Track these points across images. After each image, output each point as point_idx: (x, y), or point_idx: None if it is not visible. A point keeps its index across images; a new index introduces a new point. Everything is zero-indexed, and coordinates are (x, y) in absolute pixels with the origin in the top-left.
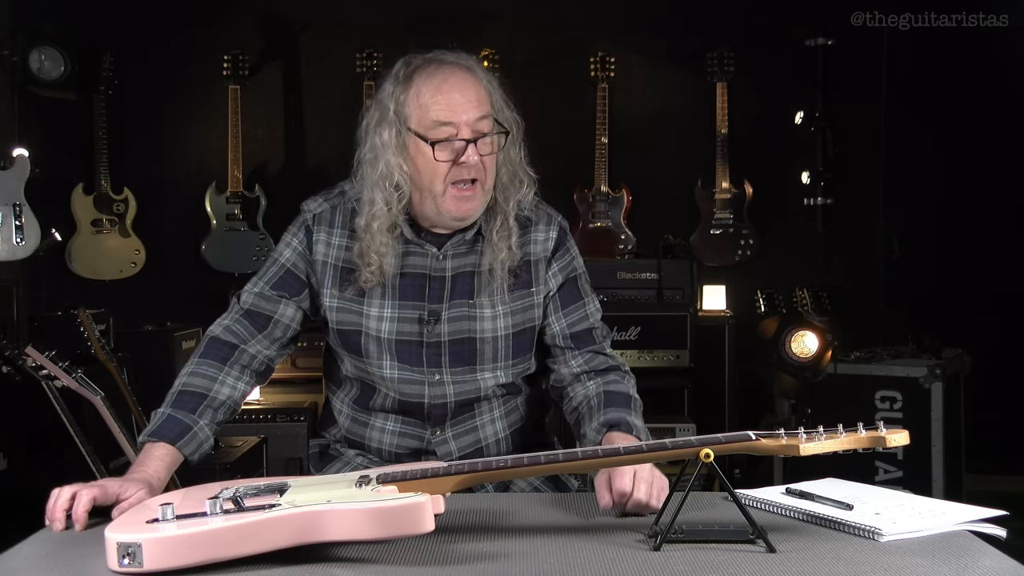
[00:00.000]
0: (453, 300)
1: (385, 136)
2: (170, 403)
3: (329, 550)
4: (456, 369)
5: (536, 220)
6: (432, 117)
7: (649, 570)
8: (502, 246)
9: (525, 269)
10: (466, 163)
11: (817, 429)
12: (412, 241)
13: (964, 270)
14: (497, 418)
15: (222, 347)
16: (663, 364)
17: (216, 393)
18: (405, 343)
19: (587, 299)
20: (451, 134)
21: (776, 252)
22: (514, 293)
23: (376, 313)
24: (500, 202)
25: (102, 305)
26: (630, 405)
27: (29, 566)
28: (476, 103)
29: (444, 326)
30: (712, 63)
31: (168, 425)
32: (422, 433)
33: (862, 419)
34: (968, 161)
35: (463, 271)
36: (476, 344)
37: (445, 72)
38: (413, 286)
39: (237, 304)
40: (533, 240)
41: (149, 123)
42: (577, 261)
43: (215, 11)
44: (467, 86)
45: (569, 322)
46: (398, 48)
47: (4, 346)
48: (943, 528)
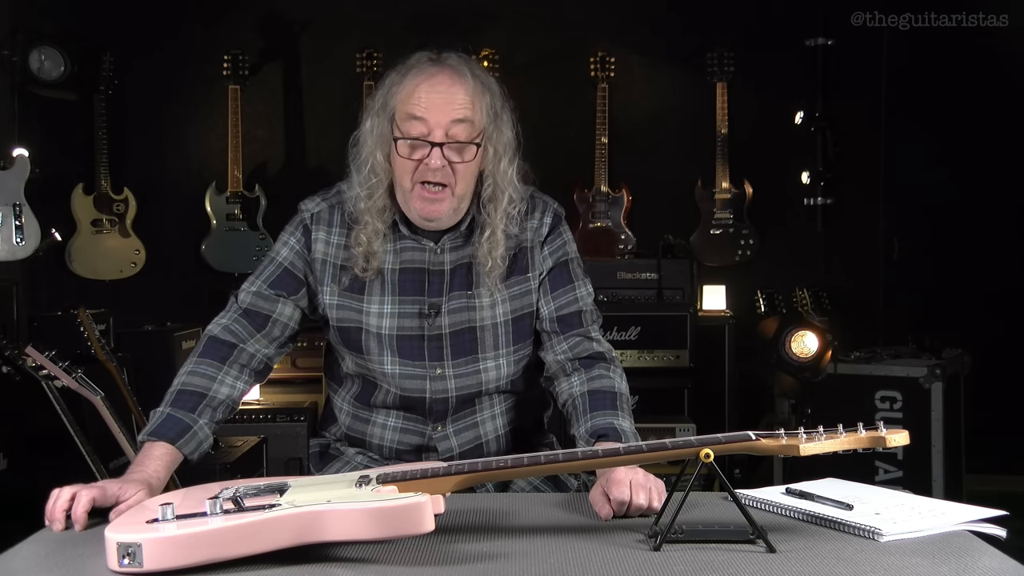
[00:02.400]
0: (452, 292)
1: (370, 124)
2: (169, 402)
3: (329, 550)
4: (458, 361)
5: (531, 209)
6: (408, 111)
7: (649, 570)
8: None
9: (521, 256)
10: (430, 165)
11: (817, 429)
12: (408, 236)
13: (964, 270)
14: (498, 414)
15: (221, 346)
16: (663, 364)
17: (215, 392)
18: (406, 338)
19: (577, 283)
20: (422, 132)
21: (776, 252)
22: (510, 280)
23: (376, 310)
24: (486, 214)
25: (102, 305)
26: (616, 405)
27: (29, 566)
28: (457, 107)
29: (444, 318)
30: (712, 63)
31: (167, 424)
32: (423, 429)
33: (862, 419)
34: (968, 161)
35: (461, 263)
36: (476, 333)
37: (436, 71)
38: (412, 281)
39: (235, 303)
40: (528, 227)
41: (149, 123)
42: (570, 246)
43: (215, 11)
44: (453, 89)
45: (557, 305)
46: (398, 48)
47: (4, 346)
48: (943, 528)
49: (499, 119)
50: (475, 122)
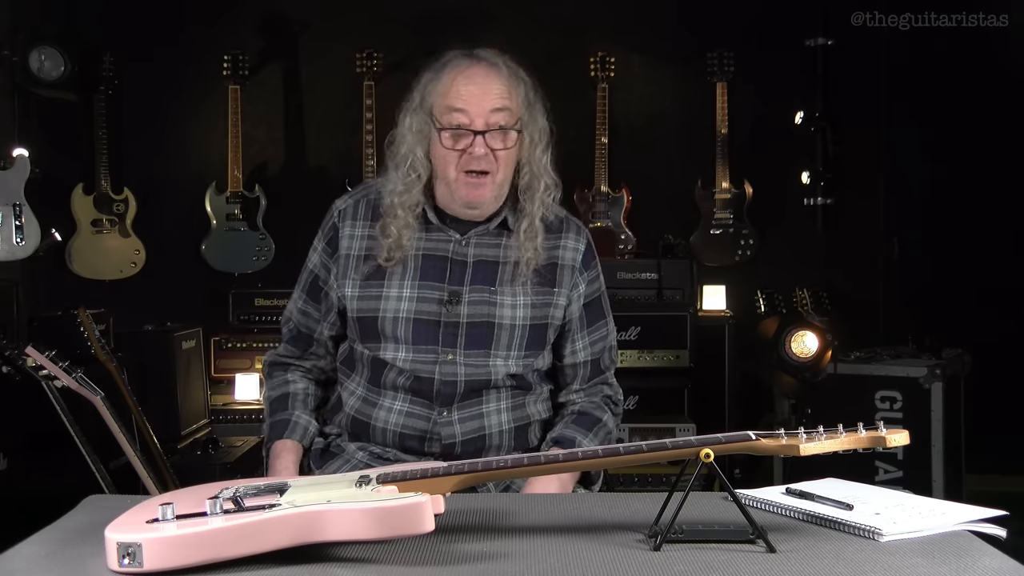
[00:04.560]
0: (474, 284)
1: (409, 122)
2: (268, 415)
3: (329, 550)
4: (470, 351)
5: (566, 228)
6: (448, 104)
7: (649, 570)
8: (529, 246)
9: (550, 270)
10: (473, 154)
11: (817, 429)
12: (435, 226)
13: (964, 270)
14: (504, 409)
15: (280, 366)
16: (663, 364)
17: (294, 391)
18: (423, 322)
19: (608, 318)
20: (463, 122)
21: (776, 252)
22: (536, 288)
23: (396, 293)
24: (524, 203)
25: (102, 305)
26: (591, 428)
27: (29, 566)
28: (495, 96)
29: (464, 308)
30: (712, 63)
31: (276, 429)
32: (429, 413)
33: (862, 419)
34: (968, 161)
35: (485, 259)
36: (494, 329)
37: (472, 64)
38: (435, 268)
39: (285, 328)
40: (563, 246)
41: (149, 123)
42: (601, 278)
43: (215, 11)
44: (489, 80)
45: (592, 340)
46: (398, 48)
47: (4, 346)
48: (943, 528)
49: (533, 108)
50: (512, 110)
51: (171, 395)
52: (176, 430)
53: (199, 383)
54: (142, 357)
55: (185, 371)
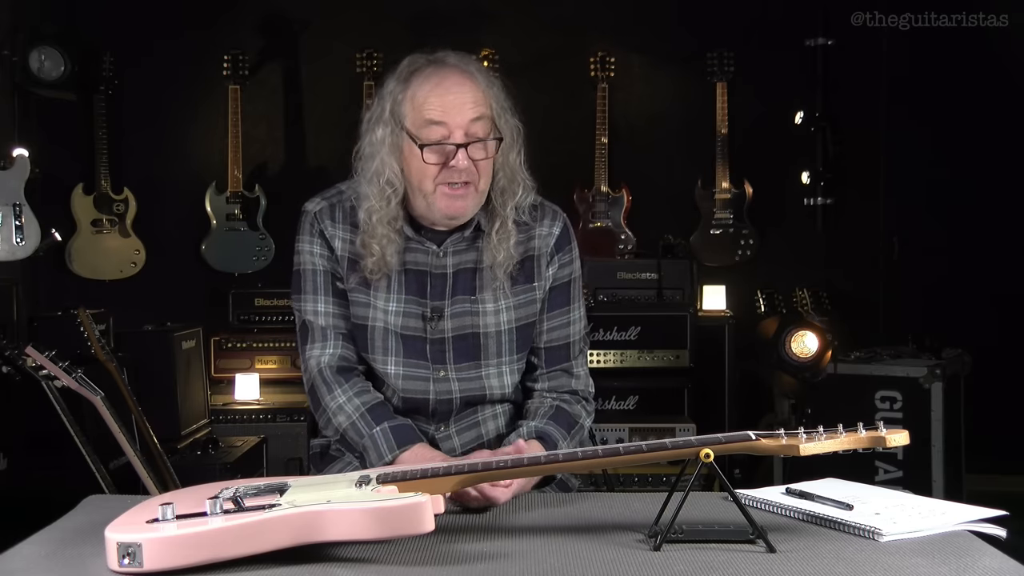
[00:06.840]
0: (455, 296)
1: (380, 133)
2: (372, 422)
3: (329, 550)
4: (461, 365)
5: (541, 216)
6: (425, 116)
7: (649, 570)
8: (501, 248)
9: (528, 263)
10: (456, 167)
11: (817, 429)
12: (412, 238)
13: (964, 270)
14: (499, 414)
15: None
16: (663, 364)
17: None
18: (410, 338)
19: (574, 305)
20: (443, 135)
21: (776, 252)
22: (516, 288)
23: (383, 305)
24: (498, 206)
25: (102, 305)
26: (570, 430)
27: (29, 566)
28: (472, 105)
29: (447, 322)
30: (712, 63)
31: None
32: (426, 428)
33: (862, 419)
34: (968, 161)
35: (464, 267)
36: (480, 339)
37: (443, 73)
38: (416, 283)
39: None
40: (537, 235)
41: (149, 123)
42: (576, 263)
43: (215, 11)
44: (464, 88)
45: (549, 327)
46: (398, 48)
47: (4, 346)
48: (943, 528)
49: (505, 110)
50: (489, 116)
51: (171, 395)
52: (176, 430)
53: (199, 383)
54: (142, 357)
55: (185, 371)
